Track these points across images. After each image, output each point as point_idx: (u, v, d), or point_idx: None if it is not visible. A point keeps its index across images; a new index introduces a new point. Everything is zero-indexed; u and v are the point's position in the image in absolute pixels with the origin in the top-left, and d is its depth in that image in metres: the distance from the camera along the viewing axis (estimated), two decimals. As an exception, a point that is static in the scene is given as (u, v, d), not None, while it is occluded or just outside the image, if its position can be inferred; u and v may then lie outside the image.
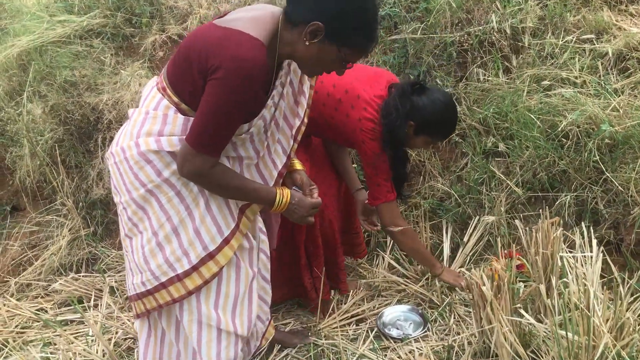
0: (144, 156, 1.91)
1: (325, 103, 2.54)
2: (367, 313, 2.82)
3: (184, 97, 1.86)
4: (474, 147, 3.14)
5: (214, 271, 2.00)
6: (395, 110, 2.43)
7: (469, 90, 3.24)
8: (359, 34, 1.74)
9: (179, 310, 2.06)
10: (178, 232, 1.98)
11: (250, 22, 1.74)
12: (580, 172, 2.71)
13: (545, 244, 2.39)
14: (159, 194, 1.96)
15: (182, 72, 1.82)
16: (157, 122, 1.89)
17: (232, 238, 2.02)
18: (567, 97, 2.89)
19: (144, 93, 2.04)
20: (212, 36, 1.74)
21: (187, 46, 1.81)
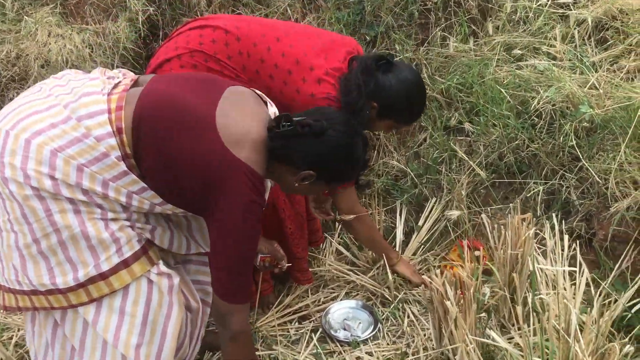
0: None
1: (272, 75, 2.14)
2: (311, 308, 2.51)
3: (144, 170, 1.67)
4: (434, 121, 2.81)
5: (104, 292, 1.69)
6: (357, 89, 2.06)
7: (431, 56, 2.89)
8: (348, 173, 1.81)
9: (61, 319, 1.75)
10: (66, 246, 1.64)
11: (251, 148, 1.65)
12: (553, 157, 2.43)
13: (514, 242, 2.10)
14: (50, 203, 1.61)
15: (159, 160, 1.65)
16: (88, 155, 1.60)
17: (134, 262, 1.70)
18: (541, 69, 2.58)
19: (79, 86, 1.69)
20: (211, 153, 1.62)
21: (176, 150, 1.64)
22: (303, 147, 1.70)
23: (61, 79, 1.78)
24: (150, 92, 1.71)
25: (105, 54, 2.94)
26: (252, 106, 1.78)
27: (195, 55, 2.17)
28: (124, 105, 1.66)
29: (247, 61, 2.15)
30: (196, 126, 1.63)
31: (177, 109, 1.66)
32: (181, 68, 2.18)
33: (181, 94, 1.70)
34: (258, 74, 2.15)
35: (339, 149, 1.72)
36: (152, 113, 1.65)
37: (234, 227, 1.64)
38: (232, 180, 1.62)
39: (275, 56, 2.12)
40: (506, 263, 2.13)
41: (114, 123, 1.64)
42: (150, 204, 1.71)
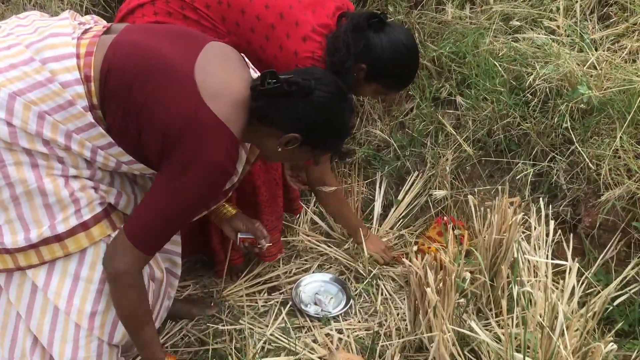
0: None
1: (254, 28, 1.97)
2: (282, 279, 2.40)
3: (110, 123, 1.52)
4: (423, 90, 2.67)
5: (58, 255, 1.55)
6: (345, 48, 1.89)
7: (424, 21, 2.73)
8: (334, 139, 1.67)
9: (5, 283, 1.60)
10: (19, 202, 1.49)
11: (230, 105, 1.51)
12: (544, 138, 2.32)
13: (499, 226, 2.00)
14: (4, 153, 1.46)
15: (123, 111, 1.50)
16: (52, 101, 1.45)
17: (93, 225, 1.56)
18: (539, 43, 2.44)
19: (45, 27, 1.52)
20: (184, 104, 1.46)
21: (139, 83, 1.48)
22: (289, 107, 1.55)
23: (24, 19, 1.61)
24: (123, 41, 1.54)
25: (74, -6, 2.71)
26: (235, 64, 1.62)
27: (171, 2, 1.98)
28: (95, 51, 1.50)
29: (227, 11, 1.97)
30: (171, 77, 1.48)
31: (150, 59, 1.50)
32: (155, 15, 1.99)
33: (157, 44, 1.54)
34: (238, 26, 1.98)
35: (326, 111, 1.58)
36: (124, 62, 1.49)
37: (183, 183, 1.48)
38: (201, 136, 1.46)
39: (257, 7, 1.95)
40: (489, 247, 2.03)
41: (82, 70, 1.48)
42: (117, 161, 1.57)
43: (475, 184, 2.52)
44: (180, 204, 1.51)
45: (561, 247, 2.22)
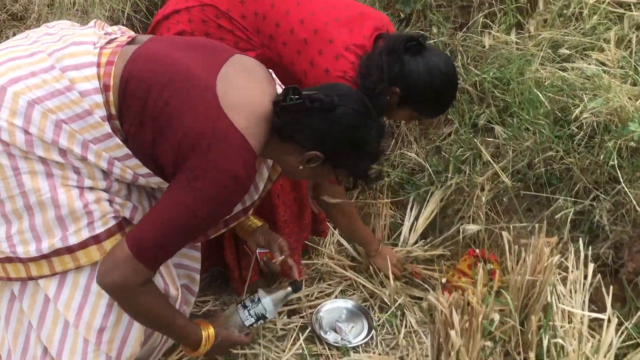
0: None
1: (286, 42, 1.92)
2: (302, 303, 2.33)
3: (127, 134, 1.48)
4: (462, 115, 2.57)
5: (69, 267, 1.51)
6: (379, 71, 1.82)
7: (468, 44, 2.63)
8: (358, 159, 1.58)
9: (19, 292, 1.57)
10: (32, 212, 1.46)
11: (251, 118, 1.46)
12: (588, 175, 2.19)
13: (533, 268, 1.89)
14: (20, 161, 1.43)
15: (141, 118, 1.46)
16: (69, 110, 1.42)
17: (106, 238, 1.51)
18: (588, 74, 2.31)
19: (69, 35, 1.52)
20: (202, 114, 1.42)
21: (162, 98, 1.43)
22: (311, 124, 1.50)
23: (52, 28, 1.60)
24: (145, 50, 1.51)
25: None
26: (259, 78, 1.57)
27: (206, 9, 1.95)
28: (116, 61, 1.47)
29: (262, 24, 1.93)
30: (190, 86, 1.44)
31: (170, 69, 1.46)
32: (189, 23, 1.96)
33: (179, 55, 1.50)
34: (271, 39, 1.93)
35: (349, 128, 1.51)
36: (143, 71, 1.46)
37: (196, 193, 1.41)
38: (217, 146, 1.40)
39: (292, 21, 1.90)
40: (521, 288, 1.92)
41: (102, 78, 1.45)
42: (134, 174, 1.52)
43: (511, 218, 2.40)
44: (191, 215, 1.44)
45: (600, 292, 2.09)
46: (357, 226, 2.33)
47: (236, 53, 1.58)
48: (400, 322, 2.23)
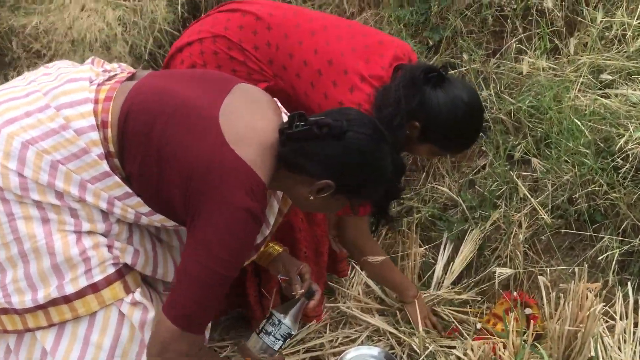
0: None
1: (300, 74, 1.83)
2: (326, 349, 2.18)
3: (129, 172, 1.42)
4: (497, 147, 2.41)
5: (67, 318, 1.43)
6: (396, 104, 1.70)
7: (502, 70, 2.49)
8: (373, 187, 1.47)
9: (15, 345, 1.49)
10: (27, 260, 1.39)
11: (257, 149, 1.38)
12: (636, 211, 1.99)
13: (574, 315, 1.70)
14: (14, 206, 1.37)
15: (144, 156, 1.39)
16: (65, 150, 1.37)
17: (105, 287, 1.44)
18: (634, 101, 2.13)
19: (66, 73, 1.48)
20: (207, 147, 1.35)
21: (165, 138, 1.37)
22: (319, 151, 1.40)
23: (51, 68, 1.56)
24: (145, 84, 1.45)
25: (139, 35, 2.70)
26: (264, 106, 1.49)
27: (218, 40, 1.89)
28: (114, 97, 1.41)
29: (275, 54, 1.85)
30: (193, 119, 1.37)
31: (172, 102, 1.39)
32: (201, 54, 1.90)
33: (180, 87, 1.44)
34: (284, 70, 1.85)
35: (360, 154, 1.41)
36: (143, 105, 1.39)
37: (216, 237, 1.34)
38: (227, 182, 1.33)
39: (306, 52, 1.81)
40: (562, 338, 1.73)
41: (100, 115, 1.39)
42: (135, 213, 1.44)
43: (552, 257, 2.21)
44: (220, 265, 1.36)
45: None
46: (388, 273, 2.16)
47: (239, 82, 1.51)
48: (430, 371, 2.06)
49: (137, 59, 2.73)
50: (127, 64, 2.67)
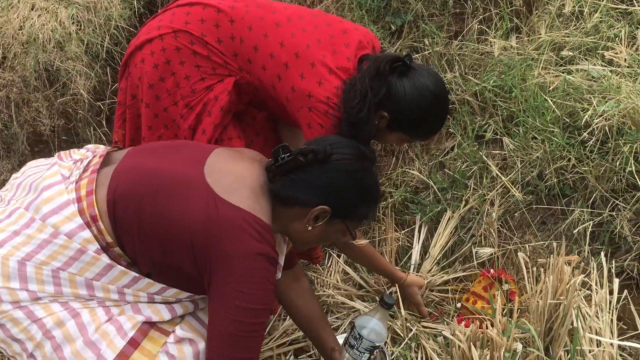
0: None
1: (266, 66, 1.81)
2: (309, 341, 2.17)
3: (133, 256, 1.41)
4: (464, 128, 2.43)
5: None
6: (363, 96, 1.70)
7: (465, 52, 2.51)
8: (367, 205, 1.50)
9: None
10: (61, 349, 1.38)
11: (251, 195, 1.39)
12: (604, 183, 2.05)
13: (554, 289, 1.75)
14: (32, 306, 1.38)
15: (147, 238, 1.37)
16: (62, 256, 1.36)
17: (143, 339, 1.43)
18: (595, 76, 2.18)
19: (38, 179, 1.46)
20: (202, 207, 1.34)
21: (161, 212, 1.36)
22: (309, 178, 1.42)
23: (21, 176, 1.54)
24: (124, 168, 1.44)
25: (94, 33, 2.61)
26: (246, 156, 1.52)
27: (180, 35, 1.84)
28: (96, 188, 1.40)
29: (240, 47, 1.82)
30: (179, 188, 1.37)
31: (155, 177, 1.39)
32: (163, 51, 1.85)
33: (158, 162, 1.44)
34: (250, 64, 1.83)
35: (349, 174, 1.44)
36: (127, 188, 1.38)
37: (238, 290, 1.34)
38: (230, 233, 1.32)
39: (272, 45, 1.78)
40: (543, 312, 1.77)
41: (87, 211, 1.37)
42: (147, 294, 1.43)
43: (524, 232, 2.26)
44: (248, 314, 1.36)
45: (627, 308, 1.94)
46: (377, 261, 2.18)
47: (216, 148, 1.51)
48: (415, 354, 2.08)
49: (94, 58, 2.63)
50: (83, 63, 2.60)
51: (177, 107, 1.88)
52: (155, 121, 1.92)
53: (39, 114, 2.62)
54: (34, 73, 2.59)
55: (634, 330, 1.97)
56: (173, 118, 1.90)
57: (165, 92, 1.87)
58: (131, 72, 1.92)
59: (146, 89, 1.89)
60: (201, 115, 1.89)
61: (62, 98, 2.64)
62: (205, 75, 1.85)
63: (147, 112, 1.91)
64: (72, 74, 2.57)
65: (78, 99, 2.65)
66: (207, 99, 1.86)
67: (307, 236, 1.48)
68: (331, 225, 1.47)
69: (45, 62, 2.58)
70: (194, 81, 1.85)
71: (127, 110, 1.98)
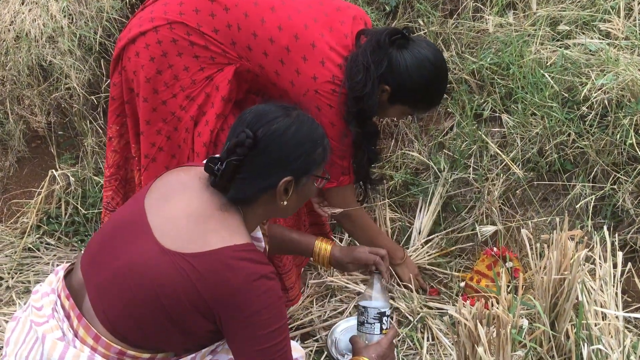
0: None
1: (267, 52, 1.79)
2: (316, 324, 2.18)
3: (138, 340, 1.37)
4: (463, 107, 2.42)
5: None
6: (365, 70, 1.72)
7: (461, 30, 2.49)
8: (318, 149, 1.44)
9: None
10: None
11: (214, 228, 1.35)
12: (605, 156, 2.04)
13: (558, 265, 1.74)
14: None
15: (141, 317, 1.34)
16: None
17: None
18: (593, 49, 2.17)
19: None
20: (194, 276, 1.29)
21: (147, 285, 1.32)
22: (252, 167, 1.37)
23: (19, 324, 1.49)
24: (95, 295, 1.40)
25: (87, 26, 2.58)
26: (180, 188, 1.44)
27: (175, 27, 1.82)
28: (85, 318, 1.38)
29: (238, 35, 1.81)
30: (148, 273, 1.33)
31: (124, 283, 1.35)
32: (159, 44, 1.83)
33: (112, 264, 1.39)
34: (250, 51, 1.81)
35: (284, 137, 1.38)
36: (114, 305, 1.37)
37: (253, 321, 1.32)
38: (220, 278, 1.30)
39: (270, 29, 1.77)
40: (548, 288, 1.77)
41: (88, 340, 1.37)
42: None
43: (527, 210, 2.26)
44: (272, 336, 1.34)
45: (632, 281, 1.95)
46: (374, 234, 2.18)
47: (147, 203, 1.41)
48: (421, 335, 2.09)
49: (87, 51, 2.61)
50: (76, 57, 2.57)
51: (177, 99, 1.86)
52: (154, 115, 1.90)
53: (33, 110, 2.61)
54: (27, 69, 2.57)
55: (639, 303, 1.98)
56: (172, 111, 1.88)
57: (163, 84, 1.85)
58: (125, 66, 1.89)
59: (143, 83, 1.86)
60: (204, 106, 1.87)
61: (56, 93, 2.62)
62: (204, 65, 1.84)
63: (145, 107, 1.89)
64: (65, 68, 2.55)
65: (72, 94, 2.63)
66: (209, 89, 1.85)
67: (287, 208, 1.46)
68: (302, 186, 1.45)
69: (37, 57, 2.56)
70: (194, 72, 1.83)
71: (127, 106, 1.96)
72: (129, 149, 2.05)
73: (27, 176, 2.79)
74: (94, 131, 2.70)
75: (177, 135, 1.90)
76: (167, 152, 1.94)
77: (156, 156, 1.94)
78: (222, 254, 1.30)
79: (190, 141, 1.90)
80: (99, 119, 2.71)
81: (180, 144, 1.92)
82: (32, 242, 2.55)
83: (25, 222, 2.61)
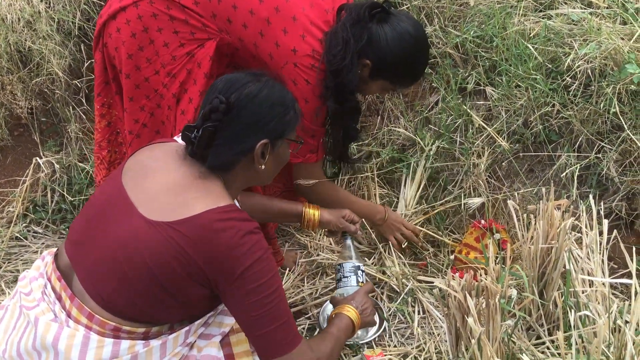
0: None
1: (247, 24, 1.79)
2: (307, 302, 2.20)
3: (133, 314, 1.38)
4: (447, 81, 2.42)
5: None
6: (345, 44, 1.72)
7: (443, 4, 2.47)
8: (290, 112, 1.48)
9: None
10: None
11: (195, 195, 1.37)
12: (589, 126, 2.05)
13: (545, 234, 1.76)
14: None
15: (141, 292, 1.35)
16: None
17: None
18: (575, 19, 2.17)
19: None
20: (187, 233, 1.32)
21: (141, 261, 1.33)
22: (228, 133, 1.39)
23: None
24: (85, 275, 1.41)
25: (64, 9, 2.54)
26: (159, 163, 1.46)
27: (155, 1, 1.81)
28: (78, 299, 1.40)
29: (217, 7, 1.80)
30: (140, 247, 1.34)
31: (113, 262, 1.37)
32: (139, 19, 1.82)
33: (100, 244, 1.40)
34: (230, 23, 1.81)
35: (256, 101, 1.41)
36: (104, 282, 1.38)
37: (249, 278, 1.35)
38: (208, 239, 1.32)
39: (250, 1, 1.77)
40: (536, 257, 1.79)
41: (105, 328, 1.38)
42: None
43: (513, 181, 2.27)
44: (267, 286, 1.38)
45: (617, 247, 1.97)
46: (346, 200, 2.16)
47: (125, 184, 1.42)
48: (412, 308, 2.11)
49: (67, 36, 2.57)
50: (55, 42, 2.53)
51: (159, 75, 1.85)
52: (137, 92, 1.89)
53: (14, 97, 2.56)
54: (5, 55, 2.53)
55: (625, 269, 2.01)
56: (155, 88, 1.87)
57: (145, 61, 1.84)
58: (106, 42, 1.88)
59: (125, 59, 1.85)
60: (185, 83, 1.87)
61: (37, 79, 2.58)
62: (184, 41, 1.83)
63: (128, 83, 1.88)
64: (45, 53, 2.51)
65: (54, 79, 2.59)
66: (190, 66, 1.84)
67: (266, 172, 1.49)
68: (278, 149, 1.48)
69: (15, 42, 2.51)
70: (173, 48, 1.83)
71: (113, 84, 1.95)
72: (110, 130, 2.05)
73: (11, 165, 2.76)
74: (77, 117, 2.67)
75: (160, 112, 1.90)
76: (150, 129, 1.94)
77: (140, 132, 1.94)
78: (208, 217, 1.32)
79: (173, 118, 1.90)
80: (83, 104, 2.68)
81: (163, 120, 1.92)
82: (19, 230, 2.53)
83: (11, 211, 2.59)
